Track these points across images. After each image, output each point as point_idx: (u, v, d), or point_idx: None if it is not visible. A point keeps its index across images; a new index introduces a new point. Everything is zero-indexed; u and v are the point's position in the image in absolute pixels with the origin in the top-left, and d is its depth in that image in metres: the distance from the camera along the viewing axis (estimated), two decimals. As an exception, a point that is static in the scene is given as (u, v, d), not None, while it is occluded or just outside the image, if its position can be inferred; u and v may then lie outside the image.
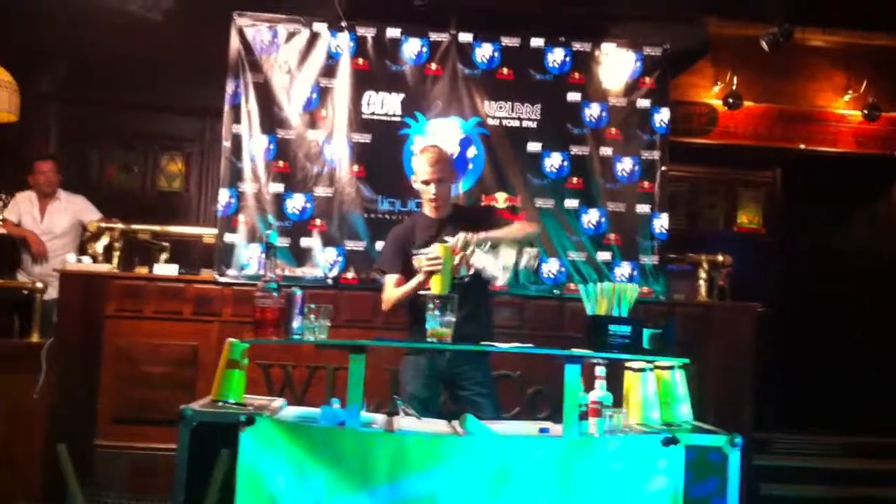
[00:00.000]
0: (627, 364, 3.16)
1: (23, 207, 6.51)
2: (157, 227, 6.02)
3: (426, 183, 4.19)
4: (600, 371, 3.10)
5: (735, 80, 7.54)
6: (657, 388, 3.11)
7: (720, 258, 6.26)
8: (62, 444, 3.01)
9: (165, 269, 5.64)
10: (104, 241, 5.86)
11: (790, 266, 7.70)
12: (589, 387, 3.07)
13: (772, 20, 6.65)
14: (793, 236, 7.98)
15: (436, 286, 3.61)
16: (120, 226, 5.90)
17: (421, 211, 4.43)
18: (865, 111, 7.66)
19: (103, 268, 5.67)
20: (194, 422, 2.90)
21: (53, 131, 7.50)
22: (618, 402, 3.14)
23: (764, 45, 6.71)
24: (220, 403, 3.09)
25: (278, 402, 3.39)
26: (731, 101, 7.56)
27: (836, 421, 6.79)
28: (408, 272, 4.07)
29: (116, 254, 5.83)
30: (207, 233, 6.09)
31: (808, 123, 7.85)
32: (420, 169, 4.23)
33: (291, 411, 3.27)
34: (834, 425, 6.80)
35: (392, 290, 4.12)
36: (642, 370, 3.11)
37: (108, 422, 5.24)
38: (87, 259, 5.77)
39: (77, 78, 7.08)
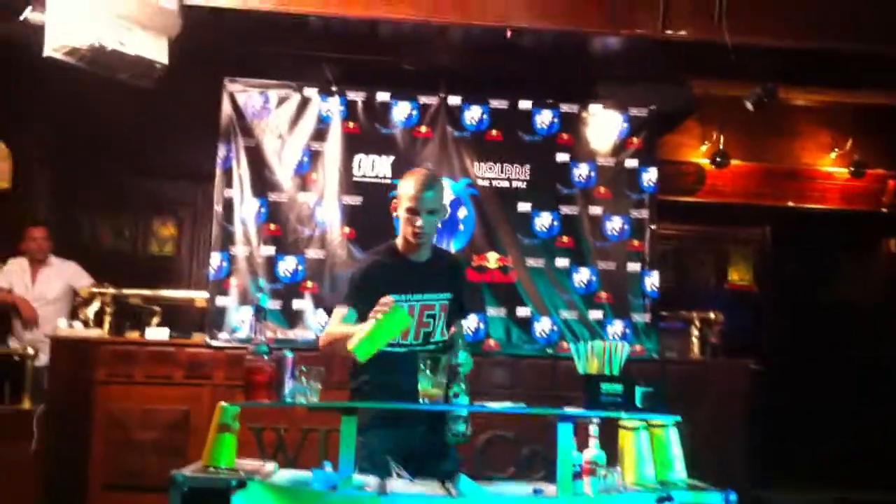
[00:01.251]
0: (621, 423, 3.14)
1: (14, 274, 6.50)
2: (148, 292, 6.03)
3: (412, 212, 3.45)
4: (594, 430, 3.09)
5: (721, 139, 7.64)
6: (651, 446, 3.09)
7: (712, 315, 6.28)
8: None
9: (157, 333, 5.63)
10: (95, 306, 5.86)
11: (781, 322, 7.72)
12: (583, 446, 3.06)
13: (756, 80, 6.75)
14: (783, 292, 8.02)
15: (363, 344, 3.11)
16: (111, 290, 5.91)
17: (392, 248, 3.61)
18: (851, 168, 7.75)
19: (94, 333, 5.66)
20: (185, 487, 2.86)
21: (44, 197, 7.52)
22: (612, 461, 3.12)
23: (748, 105, 6.80)
24: (212, 468, 3.06)
25: (270, 465, 3.35)
26: (718, 159, 7.65)
27: (828, 476, 6.76)
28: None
29: (107, 318, 5.83)
30: (199, 296, 6.09)
31: (796, 181, 7.93)
32: (406, 193, 3.46)
33: (284, 475, 3.23)
34: (826, 481, 6.76)
35: (338, 324, 3.44)
36: (636, 429, 3.10)
37: (99, 488, 5.19)
38: (78, 324, 5.76)
39: (68, 143, 7.12)
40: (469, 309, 3.92)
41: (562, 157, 6.31)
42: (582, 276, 6.16)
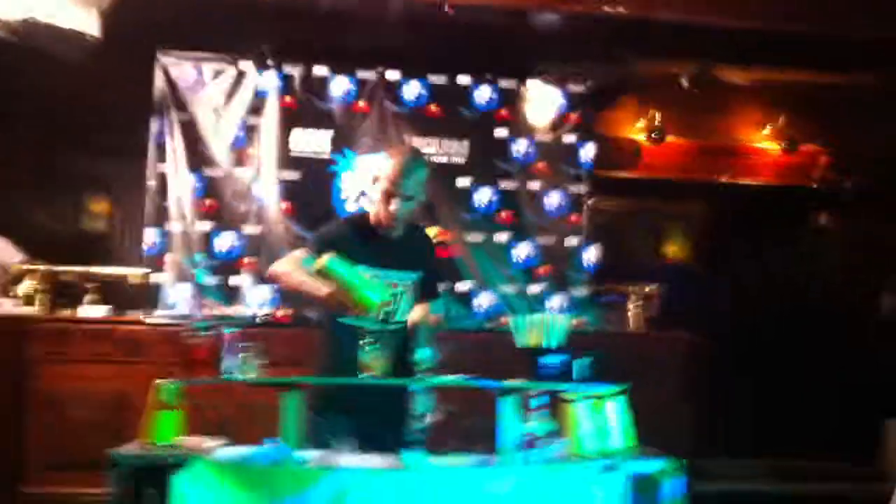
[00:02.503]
0: (563, 395, 3.17)
1: (-58, 251, 6.33)
2: (81, 268, 5.90)
3: (389, 194, 3.39)
4: (535, 402, 3.11)
5: (658, 115, 7.71)
6: (594, 417, 3.13)
7: (648, 289, 6.37)
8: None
9: (92, 310, 5.52)
10: (27, 283, 5.72)
11: (717, 294, 7.85)
12: (525, 419, 3.08)
13: (691, 58, 6.84)
14: (719, 266, 8.14)
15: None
16: (43, 267, 5.77)
17: (364, 218, 3.55)
18: (784, 144, 7.89)
19: (27, 311, 5.53)
20: (126, 466, 2.84)
21: (-29, 173, 7.31)
22: (555, 433, 3.15)
23: (684, 82, 6.89)
24: (152, 446, 3.03)
25: (212, 442, 3.33)
26: (654, 136, 7.72)
27: (763, 445, 6.90)
28: None
29: (40, 296, 5.69)
30: (134, 273, 5.98)
31: (730, 157, 8.04)
32: (385, 174, 3.40)
33: (226, 452, 3.20)
34: (761, 450, 6.91)
35: (293, 266, 3.42)
36: (578, 400, 3.13)
37: (36, 469, 5.09)
38: (9, 302, 5.63)
39: (-4, 120, 6.92)
40: (436, 295, 3.73)
41: (500, 132, 6.34)
42: (521, 250, 6.21)
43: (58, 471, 5.05)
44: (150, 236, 5.85)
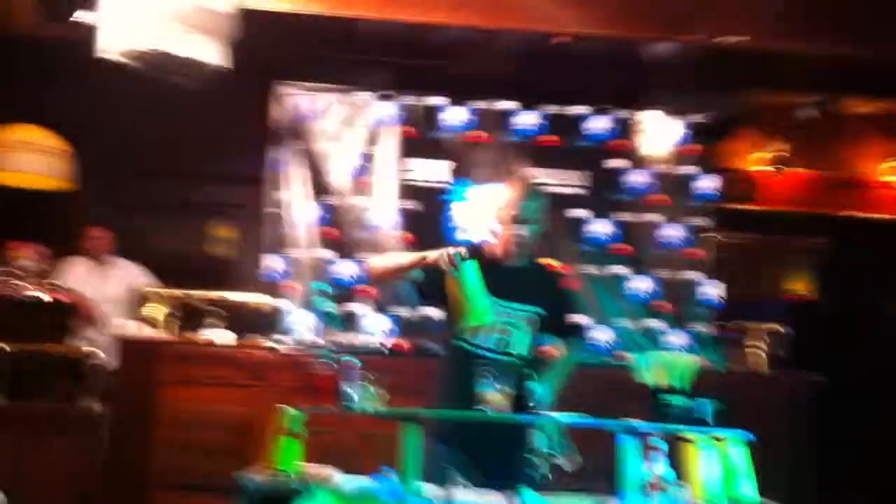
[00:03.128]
0: (688, 438, 3.12)
1: (76, 273, 6.60)
2: (210, 293, 6.08)
3: (509, 220, 3.46)
4: (660, 445, 3.06)
5: (779, 147, 7.55)
6: (719, 462, 3.06)
7: (776, 326, 6.17)
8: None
9: (219, 335, 5.67)
10: (159, 307, 5.92)
11: (846, 333, 7.60)
12: (646, 461, 3.04)
13: (812, 88, 6.68)
14: (845, 302, 7.89)
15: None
16: (173, 292, 5.97)
17: (484, 249, 3.57)
18: (909, 177, 7.65)
19: (157, 334, 5.72)
20: (252, 491, 2.90)
21: (105, 200, 7.61)
22: (679, 476, 3.09)
23: (805, 113, 6.75)
24: (276, 472, 3.09)
25: (332, 470, 3.38)
26: (775, 167, 7.56)
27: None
28: (434, 294, 3.47)
29: (171, 320, 5.89)
30: (259, 299, 6.14)
31: (854, 189, 7.82)
32: (506, 200, 3.50)
33: (346, 480, 3.25)
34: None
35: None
36: (703, 444, 3.07)
37: (161, 489, 5.23)
38: (141, 325, 5.83)
39: (127, 148, 7.19)
40: (566, 332, 3.74)
41: (617, 163, 6.29)
42: (639, 284, 6.13)
43: (183, 491, 5.19)
44: (269, 262, 5.99)
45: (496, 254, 3.52)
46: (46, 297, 6.18)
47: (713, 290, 6.15)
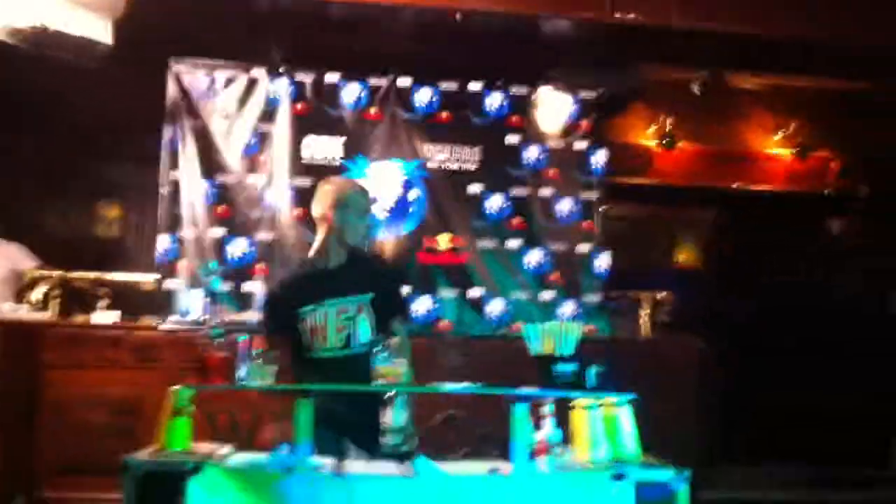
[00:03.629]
0: (574, 402, 3.18)
1: (-44, 256, 6.37)
2: (95, 274, 5.93)
3: (322, 222, 3.61)
4: (547, 410, 3.12)
5: (669, 122, 7.71)
6: (604, 424, 3.14)
7: (660, 295, 6.35)
8: (20, 495, 2.94)
9: (105, 316, 5.55)
10: (41, 289, 5.75)
11: (729, 301, 7.83)
12: (537, 426, 3.09)
13: (702, 65, 6.84)
14: (730, 272, 8.13)
15: None
16: (57, 273, 5.81)
17: (305, 260, 3.75)
18: (796, 151, 7.88)
19: (41, 316, 5.56)
20: (139, 471, 2.85)
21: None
22: (566, 439, 3.16)
23: (695, 88, 6.90)
24: (166, 452, 3.04)
25: (225, 449, 3.34)
26: (665, 142, 7.72)
27: (776, 453, 6.88)
28: (294, 336, 3.52)
29: (54, 302, 5.73)
30: (147, 279, 6.01)
31: (741, 163, 8.04)
32: (317, 204, 3.63)
33: (239, 458, 3.22)
34: (774, 457, 6.89)
35: None
36: (589, 407, 3.13)
37: (52, 473, 5.11)
38: (23, 308, 5.66)
39: (10, 125, 6.97)
40: (395, 311, 3.76)
41: (512, 139, 6.35)
42: (533, 257, 6.20)
43: (71, 475, 5.07)
44: (163, 242, 5.87)
45: (316, 255, 3.62)
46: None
47: (604, 262, 6.26)
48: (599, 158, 6.41)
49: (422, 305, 5.98)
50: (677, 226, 8.54)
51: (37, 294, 5.75)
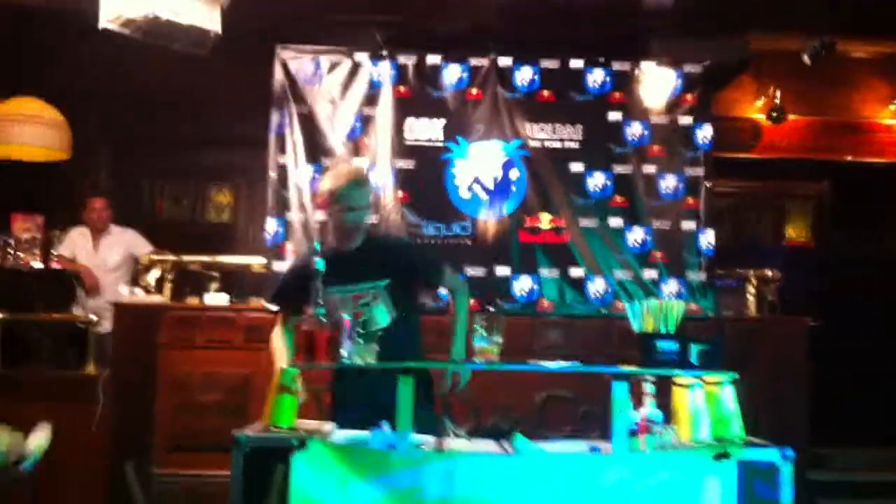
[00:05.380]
0: (676, 380, 3.15)
1: (77, 243, 6.64)
2: (207, 258, 6.12)
3: (334, 208, 3.60)
4: (649, 388, 3.09)
5: (778, 93, 7.50)
6: (707, 403, 3.09)
7: (769, 273, 6.21)
8: (130, 463, 3.05)
9: (216, 298, 5.72)
10: (156, 273, 5.97)
11: (840, 278, 7.60)
12: (638, 405, 3.07)
13: (813, 33, 6.62)
14: (842, 248, 7.88)
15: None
16: (171, 257, 6.02)
17: (326, 246, 3.78)
18: (911, 120, 7.58)
19: (156, 299, 5.78)
20: (247, 447, 2.93)
21: (104, 167, 7.67)
22: (668, 418, 3.13)
23: (805, 58, 6.68)
24: (273, 428, 3.13)
25: (329, 426, 3.42)
26: (774, 114, 7.52)
27: (891, 433, 6.68)
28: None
29: (168, 285, 5.95)
30: (256, 262, 6.17)
31: (854, 134, 7.78)
32: (326, 190, 3.61)
33: (342, 434, 3.29)
34: (886, 439, 6.69)
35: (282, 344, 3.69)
36: (691, 386, 3.10)
37: (164, 450, 5.31)
38: (139, 291, 5.89)
39: (125, 115, 7.24)
40: (434, 278, 3.86)
41: (614, 115, 6.26)
42: (636, 235, 6.12)
43: (184, 451, 5.27)
44: (272, 226, 6.01)
45: (335, 245, 3.69)
46: (47, 267, 6.26)
47: (709, 239, 6.14)
48: (705, 133, 6.27)
49: (523, 285, 5.98)
50: (787, 201, 8.30)
51: (152, 278, 5.97)
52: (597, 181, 6.16)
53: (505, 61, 6.23)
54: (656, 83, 6.31)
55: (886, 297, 7.51)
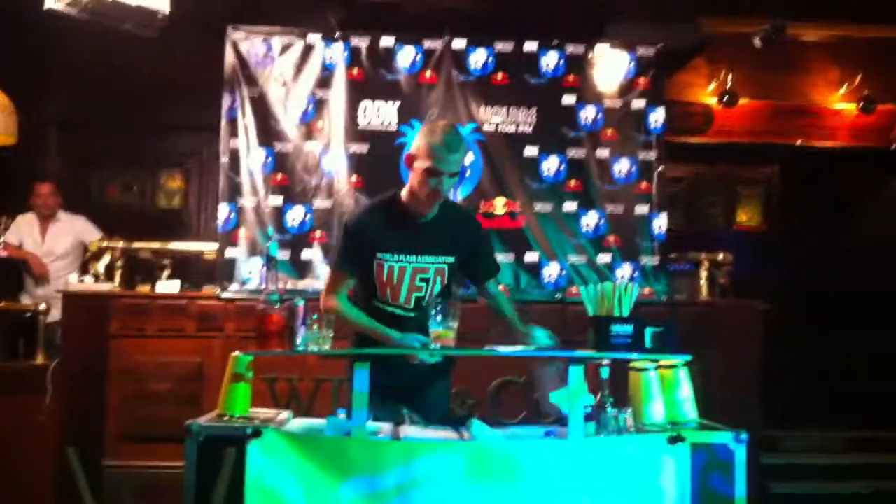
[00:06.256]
0: (631, 364, 3.16)
1: (24, 230, 6.53)
2: (157, 245, 6.04)
3: (432, 172, 3.19)
4: (604, 372, 3.10)
5: (730, 77, 7.56)
6: (661, 386, 3.11)
7: (721, 256, 6.28)
8: (71, 448, 3.00)
9: (167, 286, 5.66)
10: (105, 260, 5.89)
11: (791, 261, 7.71)
12: (593, 389, 3.08)
13: (764, 16, 6.67)
14: (793, 232, 7.99)
15: None
16: (121, 244, 5.93)
17: (395, 200, 3.39)
18: (861, 104, 7.67)
19: (105, 287, 5.69)
20: (201, 436, 2.89)
21: (52, 153, 7.54)
22: (623, 402, 3.14)
23: (756, 41, 6.73)
24: (227, 417, 3.09)
25: (284, 414, 3.39)
26: (726, 98, 7.57)
27: (839, 416, 6.80)
28: (364, 275, 3.38)
29: (118, 273, 5.86)
30: (208, 248, 6.11)
31: (805, 118, 7.86)
32: (428, 150, 3.19)
33: (298, 423, 3.27)
34: (837, 421, 6.80)
35: (345, 302, 3.40)
36: (646, 369, 3.11)
37: (115, 440, 5.26)
38: (89, 279, 5.80)
39: (75, 99, 7.12)
40: (493, 270, 3.63)
41: (568, 99, 6.26)
42: (590, 219, 6.15)
43: (136, 441, 5.22)
44: (224, 211, 5.94)
45: (411, 205, 3.34)
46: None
47: (662, 223, 6.18)
48: (658, 117, 6.30)
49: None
50: (738, 185, 8.40)
51: (101, 265, 5.87)
52: (551, 165, 6.17)
53: (459, 44, 6.20)
54: (610, 66, 6.32)
55: (836, 280, 7.63)
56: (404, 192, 3.37)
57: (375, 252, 3.31)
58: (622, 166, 6.22)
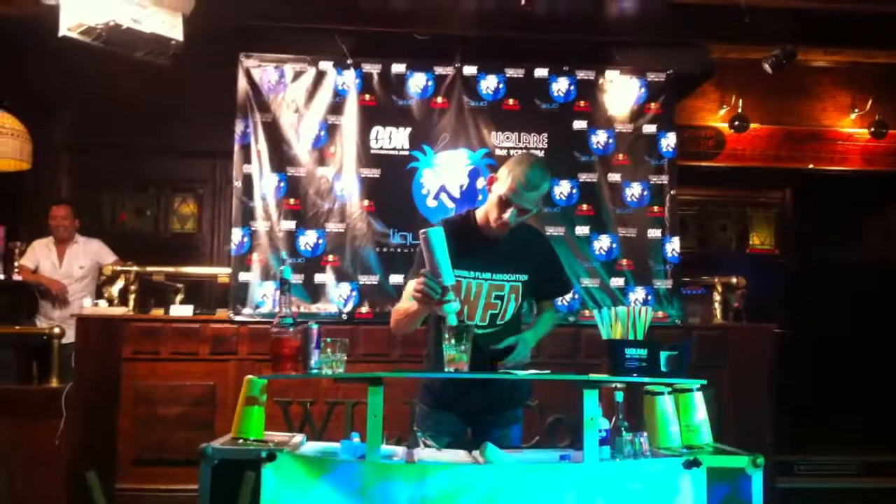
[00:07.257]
0: (646, 388, 3.15)
1: (40, 254, 6.57)
2: (171, 269, 6.08)
3: (506, 203, 3.25)
4: (618, 396, 3.10)
5: (740, 102, 7.58)
6: (676, 410, 3.11)
7: (734, 280, 6.27)
8: (91, 472, 3.00)
9: (181, 310, 5.68)
10: (119, 284, 5.91)
11: (804, 285, 7.69)
12: (608, 412, 3.07)
13: (774, 42, 6.69)
14: (805, 255, 7.98)
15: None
16: (135, 268, 5.96)
17: (470, 217, 3.46)
18: (872, 129, 7.68)
19: (119, 311, 5.71)
20: (215, 459, 2.90)
21: (67, 178, 7.60)
22: (637, 426, 3.13)
23: (767, 67, 6.74)
24: (241, 441, 3.09)
25: (298, 437, 3.39)
26: (737, 123, 7.60)
27: (853, 440, 6.75)
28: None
29: (132, 296, 5.89)
30: (221, 272, 6.13)
31: (816, 143, 7.88)
32: (510, 180, 3.22)
33: (311, 446, 3.27)
34: (851, 445, 6.75)
35: (404, 301, 3.39)
36: (661, 393, 3.11)
37: (128, 464, 5.26)
38: (102, 303, 5.82)
39: (88, 125, 7.18)
40: (559, 291, 3.72)
41: (579, 124, 6.28)
42: (602, 243, 6.15)
43: (149, 465, 5.22)
44: (237, 236, 5.96)
45: (485, 225, 3.38)
46: (8, 279, 6.17)
47: (675, 247, 6.18)
48: (669, 142, 6.32)
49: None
50: (750, 209, 8.40)
51: (116, 289, 5.90)
52: (563, 189, 6.18)
53: (470, 70, 6.23)
54: (621, 91, 6.35)
55: (850, 303, 7.60)
56: (479, 212, 3.42)
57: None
58: (634, 190, 6.23)
